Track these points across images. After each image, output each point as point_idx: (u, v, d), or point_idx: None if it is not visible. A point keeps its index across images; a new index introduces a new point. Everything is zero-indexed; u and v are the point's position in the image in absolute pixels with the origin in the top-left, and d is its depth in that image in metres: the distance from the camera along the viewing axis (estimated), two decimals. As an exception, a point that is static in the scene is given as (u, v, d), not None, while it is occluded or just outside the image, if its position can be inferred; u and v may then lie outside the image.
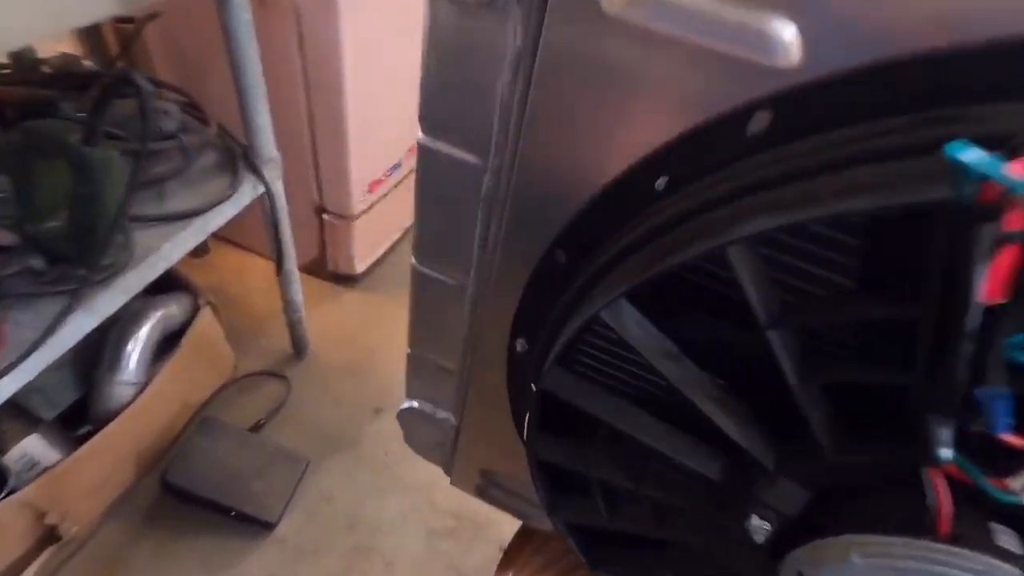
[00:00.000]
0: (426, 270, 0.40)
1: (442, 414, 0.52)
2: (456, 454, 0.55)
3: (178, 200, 0.94)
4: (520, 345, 0.39)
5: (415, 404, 0.54)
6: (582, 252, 0.32)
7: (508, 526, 0.58)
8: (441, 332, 0.44)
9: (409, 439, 0.60)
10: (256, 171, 0.99)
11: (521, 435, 0.44)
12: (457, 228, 0.37)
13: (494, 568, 1.21)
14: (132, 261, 0.83)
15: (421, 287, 0.42)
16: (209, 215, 0.94)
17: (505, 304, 0.39)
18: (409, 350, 0.48)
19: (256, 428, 1.30)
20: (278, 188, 1.08)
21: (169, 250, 0.88)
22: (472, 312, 0.41)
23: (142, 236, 0.87)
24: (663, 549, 0.44)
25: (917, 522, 0.29)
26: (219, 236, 1.76)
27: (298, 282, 1.29)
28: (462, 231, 0.37)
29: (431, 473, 0.37)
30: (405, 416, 0.55)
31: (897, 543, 0.30)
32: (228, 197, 0.95)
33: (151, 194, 0.93)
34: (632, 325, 0.29)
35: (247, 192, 1.00)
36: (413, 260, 0.41)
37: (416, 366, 0.49)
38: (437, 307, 0.43)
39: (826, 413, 0.28)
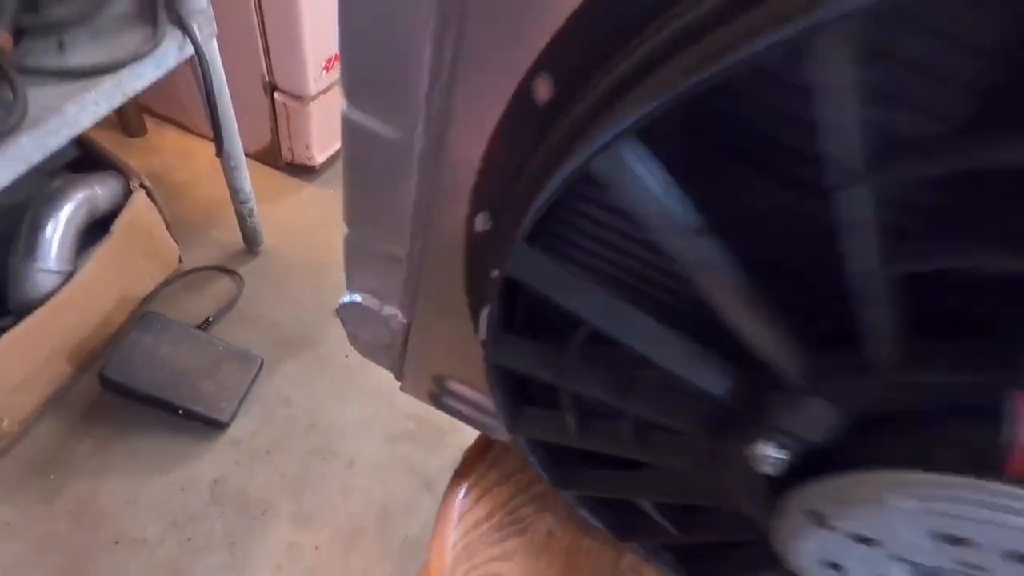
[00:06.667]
0: (359, 117, 0.30)
1: (389, 310, 0.44)
2: (407, 357, 0.47)
3: (84, 53, 0.78)
4: (482, 221, 0.30)
5: (357, 298, 0.45)
6: (576, 78, 0.22)
7: (470, 432, 0.53)
8: (384, 205, 0.35)
9: (353, 339, 0.52)
10: (181, 23, 0.83)
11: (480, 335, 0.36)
12: (401, 52, 0.27)
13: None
14: (25, 122, 0.69)
15: (355, 143, 0.32)
16: (124, 75, 0.78)
17: (464, 169, 0.29)
18: (346, 230, 0.38)
19: (204, 326, 1.21)
20: (212, 50, 0.91)
21: (74, 113, 0.74)
22: (422, 178, 0.31)
23: (39, 94, 0.72)
24: (636, 467, 0.38)
25: (982, 459, 0.23)
26: (161, 115, 1.58)
27: (244, 167, 1.15)
28: (408, 57, 0.27)
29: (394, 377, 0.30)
30: (347, 313, 0.46)
31: (953, 483, 0.23)
32: (146, 53, 0.79)
33: (50, 44, 0.77)
34: (638, 180, 0.20)
35: (172, 52, 0.84)
36: (343, 103, 0.30)
37: (356, 251, 0.40)
38: (378, 171, 0.33)
39: (899, 315, 0.20)
